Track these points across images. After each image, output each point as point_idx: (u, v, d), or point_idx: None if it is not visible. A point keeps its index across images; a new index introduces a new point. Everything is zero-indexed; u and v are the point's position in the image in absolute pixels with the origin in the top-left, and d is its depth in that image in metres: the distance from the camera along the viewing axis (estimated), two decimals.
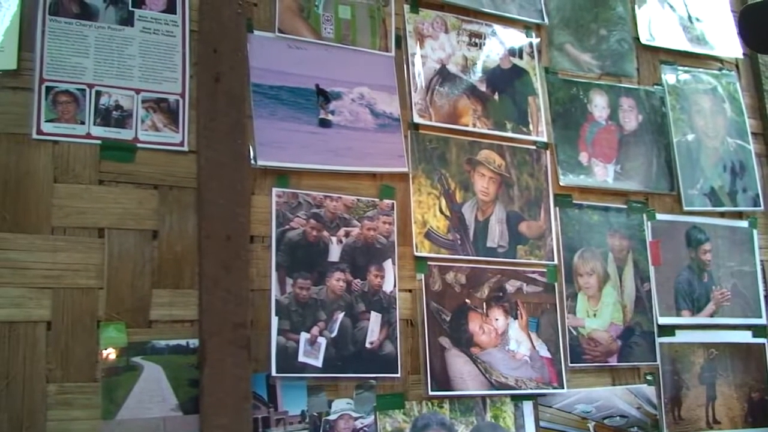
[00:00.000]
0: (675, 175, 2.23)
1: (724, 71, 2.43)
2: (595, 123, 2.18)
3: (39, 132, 1.54)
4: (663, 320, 2.11)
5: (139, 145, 1.60)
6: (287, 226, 1.70)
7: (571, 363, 1.96)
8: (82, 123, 1.58)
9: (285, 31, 1.81)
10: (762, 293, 2.24)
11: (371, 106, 1.85)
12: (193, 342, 1.55)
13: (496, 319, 1.89)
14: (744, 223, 2.31)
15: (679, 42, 2.37)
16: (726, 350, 2.18)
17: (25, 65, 1.55)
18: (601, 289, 2.06)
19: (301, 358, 1.63)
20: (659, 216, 2.19)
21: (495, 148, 2.01)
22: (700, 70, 2.39)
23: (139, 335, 1.53)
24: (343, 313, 1.70)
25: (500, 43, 2.10)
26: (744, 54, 2.48)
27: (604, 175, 2.15)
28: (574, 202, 2.10)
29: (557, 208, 2.06)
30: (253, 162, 1.67)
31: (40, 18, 1.57)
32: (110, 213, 1.56)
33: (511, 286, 1.94)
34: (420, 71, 1.94)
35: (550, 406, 1.91)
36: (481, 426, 1.80)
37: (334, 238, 1.74)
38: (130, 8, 1.65)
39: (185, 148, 1.64)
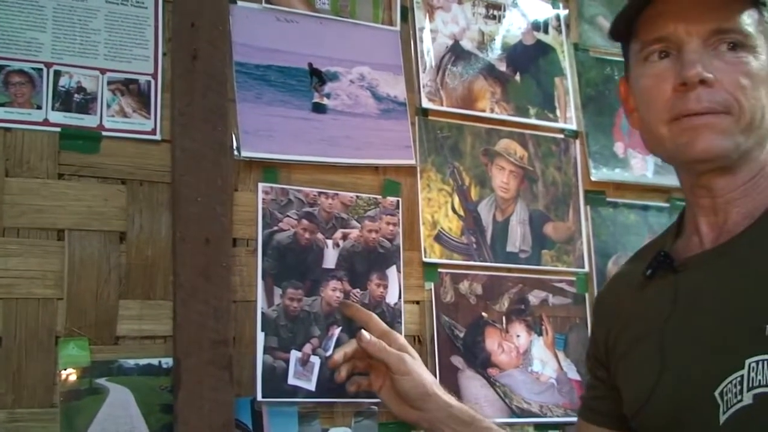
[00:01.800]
0: None
1: None
2: None
3: None
4: None
5: (104, 133, 1.60)
6: (276, 228, 1.70)
7: None
8: (39, 108, 1.58)
9: (273, 1, 1.81)
10: None
11: (373, 88, 1.86)
12: (167, 361, 1.56)
13: (518, 336, 1.89)
14: None
15: None
16: None
17: None
18: None
19: (292, 381, 1.64)
20: None
21: (516, 138, 2.01)
22: None
23: (104, 353, 1.53)
24: (340, 329, 1.70)
25: (522, 16, 2.10)
26: None
27: (642, 168, 2.15)
28: (608, 199, 2.10)
29: (588, 207, 2.06)
30: (236, 153, 1.67)
31: None
32: (71, 212, 1.56)
33: (534, 297, 1.94)
34: (429, 48, 1.95)
35: None
36: None
37: (329, 242, 1.74)
38: None
39: (158, 137, 1.64)
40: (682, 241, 1.19)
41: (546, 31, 2.11)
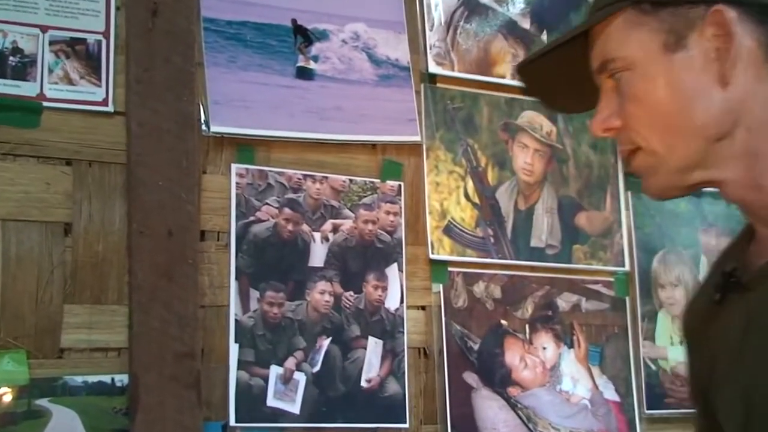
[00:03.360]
0: None
1: None
2: None
3: None
4: None
5: (45, 104, 1.59)
6: (252, 218, 1.69)
7: (648, 410, 1.96)
8: None
9: None
10: None
11: (370, 50, 1.85)
12: (121, 378, 1.54)
13: (544, 348, 1.88)
14: None
15: None
16: None
17: None
18: None
19: (272, 402, 1.63)
20: None
21: (543, 109, 1.98)
22: None
23: (45, 369, 1.51)
24: (330, 339, 1.70)
25: None
26: None
27: None
28: None
29: (629, 193, 2.05)
30: (204, 128, 1.66)
31: None
32: (5, 199, 1.53)
33: (564, 301, 1.93)
34: (438, 1, 1.93)
35: None
36: None
37: (317, 235, 1.73)
38: None
39: (110, 109, 1.62)
40: (755, 245, 1.13)
41: None
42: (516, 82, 1.95)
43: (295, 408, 1.63)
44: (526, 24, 2.01)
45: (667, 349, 2.01)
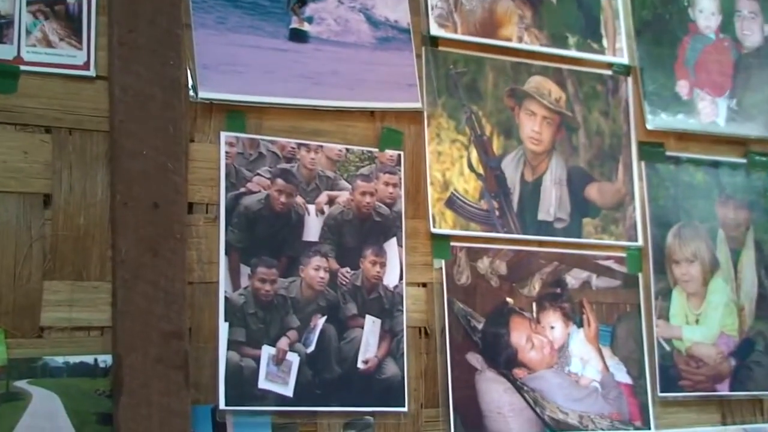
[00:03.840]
0: None
1: None
2: (699, 36, 2.16)
3: None
4: None
5: (23, 67, 1.58)
6: (243, 189, 1.68)
7: (661, 392, 1.95)
8: None
9: None
10: None
11: (367, 10, 1.83)
12: (104, 359, 1.54)
13: (552, 327, 1.88)
14: None
15: None
16: None
17: None
18: (706, 284, 2.05)
19: (263, 384, 1.62)
20: None
21: (551, 74, 1.98)
22: None
23: (24, 349, 1.50)
24: (325, 318, 1.69)
25: None
26: None
27: (712, 113, 2.13)
28: (668, 153, 2.08)
29: (643, 163, 2.04)
30: (192, 94, 1.65)
31: None
32: None
33: (573, 278, 1.92)
34: None
35: None
36: None
37: (311, 207, 1.72)
38: None
39: (92, 73, 1.61)
40: None
41: None
42: (523, 45, 1.95)
43: (288, 390, 1.62)
44: None
45: (682, 329, 2.00)
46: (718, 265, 2.06)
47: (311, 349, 1.65)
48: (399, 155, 1.80)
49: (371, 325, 1.71)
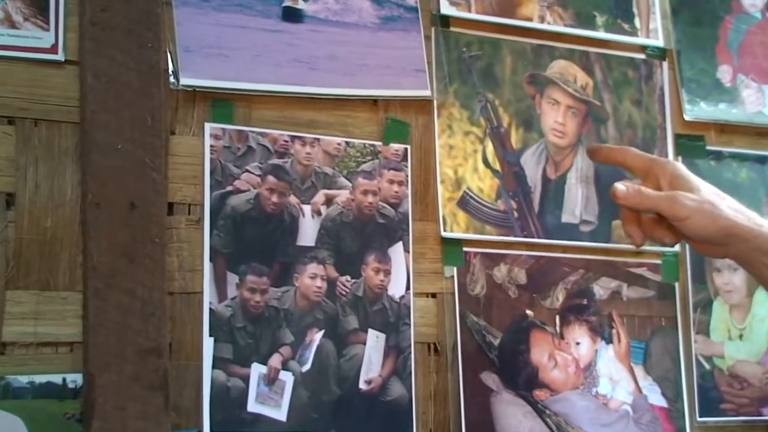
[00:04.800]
0: None
1: None
2: (744, 16, 2.13)
3: None
4: None
5: None
6: (230, 188, 1.66)
7: (700, 417, 1.93)
8: None
9: None
10: None
11: None
12: (74, 378, 1.52)
13: (577, 344, 1.86)
14: None
15: None
16: None
17: None
18: (751, 294, 2.02)
19: (253, 407, 1.61)
20: None
21: (577, 58, 1.97)
22: None
23: None
24: (323, 333, 1.67)
25: None
26: None
27: (758, 102, 2.11)
28: (709, 147, 2.06)
29: (680, 158, 2.01)
30: (172, 80, 1.63)
31: None
32: None
33: (601, 288, 1.90)
34: None
35: None
36: None
37: (307, 208, 1.70)
38: None
39: (60, 57, 1.59)
40: None
41: None
42: (545, 26, 1.93)
43: (280, 414, 1.62)
44: None
45: (724, 345, 1.98)
46: None
47: (307, 367, 1.64)
48: (405, 149, 1.79)
49: (374, 341, 1.70)
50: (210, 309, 1.59)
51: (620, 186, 1.40)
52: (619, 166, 1.53)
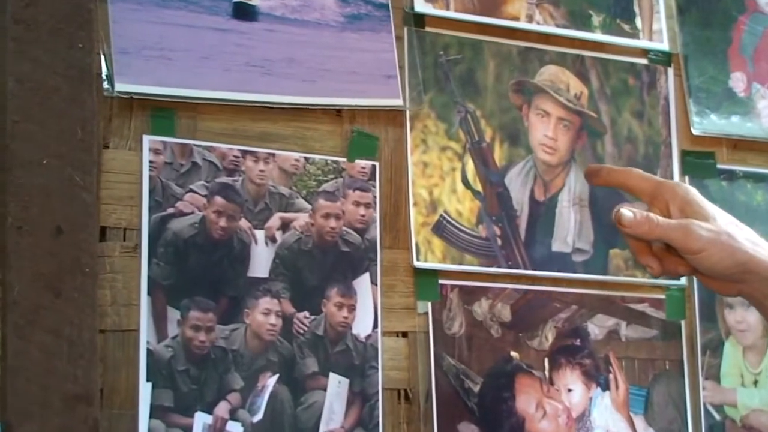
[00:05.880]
0: None
1: None
2: (760, 16, 2.15)
3: None
4: None
5: None
6: (171, 210, 1.65)
7: None
8: None
9: None
10: None
11: None
12: None
13: (569, 390, 1.86)
14: None
15: None
16: None
17: None
18: (767, 334, 2.03)
19: None
20: None
21: (570, 63, 1.97)
22: None
23: None
24: (277, 377, 1.66)
25: None
26: None
27: None
28: (720, 166, 2.06)
29: (686, 178, 2.02)
30: (107, 86, 1.62)
31: None
32: None
33: (597, 326, 1.90)
34: None
35: None
36: None
37: (260, 234, 1.70)
38: None
39: None
40: None
41: None
42: (534, 27, 1.94)
43: None
44: None
45: (737, 392, 1.98)
46: None
47: (258, 417, 1.63)
48: (373, 167, 1.79)
49: (336, 387, 1.69)
50: (147, 350, 1.58)
51: (627, 212, 1.37)
52: (622, 189, 1.52)
